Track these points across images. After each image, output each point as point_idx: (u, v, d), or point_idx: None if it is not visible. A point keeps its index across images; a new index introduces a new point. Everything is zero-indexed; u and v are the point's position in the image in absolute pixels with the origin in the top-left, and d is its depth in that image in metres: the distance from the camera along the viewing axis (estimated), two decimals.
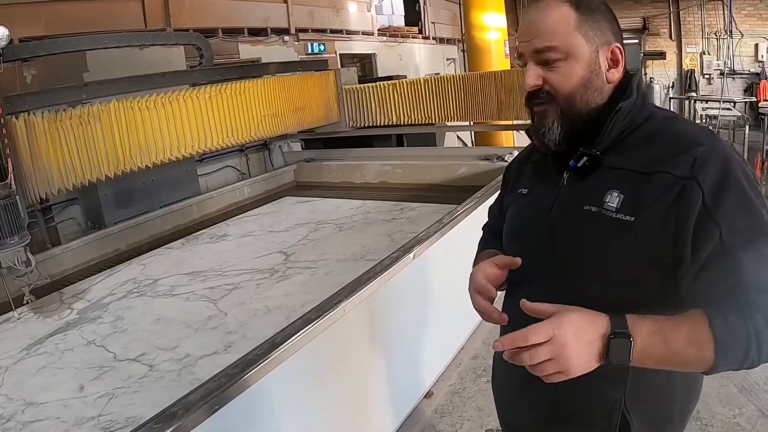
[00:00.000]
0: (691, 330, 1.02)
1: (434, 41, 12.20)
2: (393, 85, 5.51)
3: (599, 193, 1.16)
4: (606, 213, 1.14)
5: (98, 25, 4.86)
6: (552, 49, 1.17)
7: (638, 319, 1.03)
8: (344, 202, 4.86)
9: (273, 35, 7.31)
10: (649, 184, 1.10)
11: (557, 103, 1.20)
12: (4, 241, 2.75)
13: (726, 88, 14.04)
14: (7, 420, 2.13)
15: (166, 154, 3.81)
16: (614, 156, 1.18)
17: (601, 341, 1.02)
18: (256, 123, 4.52)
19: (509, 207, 1.46)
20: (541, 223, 1.28)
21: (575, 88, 1.19)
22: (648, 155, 1.14)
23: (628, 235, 1.11)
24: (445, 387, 3.35)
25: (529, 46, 1.20)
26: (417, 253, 2.99)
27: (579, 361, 1.01)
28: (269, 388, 2.05)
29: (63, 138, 3.24)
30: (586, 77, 1.19)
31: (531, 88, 1.22)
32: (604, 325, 1.03)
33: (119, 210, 4.31)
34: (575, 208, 1.20)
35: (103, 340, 2.71)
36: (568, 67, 1.18)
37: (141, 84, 3.80)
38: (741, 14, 13.88)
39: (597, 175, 1.19)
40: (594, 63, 1.19)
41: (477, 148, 8.03)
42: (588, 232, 1.17)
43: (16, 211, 2.78)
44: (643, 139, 1.17)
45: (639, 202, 1.11)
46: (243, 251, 3.83)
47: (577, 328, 1.02)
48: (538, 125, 1.24)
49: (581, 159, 1.21)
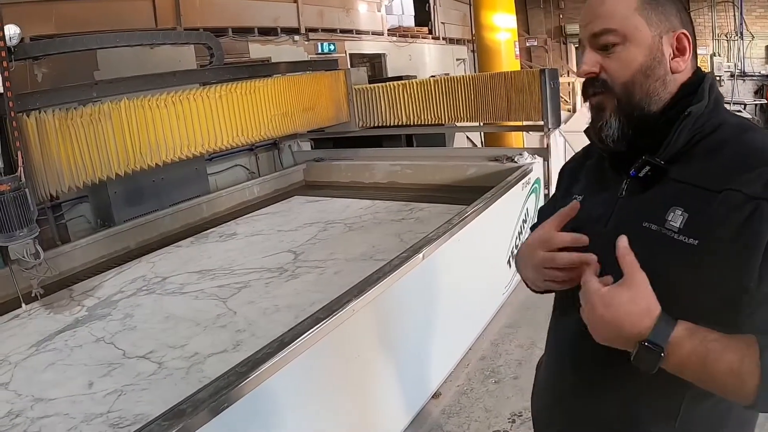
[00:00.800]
0: (737, 359, 0.91)
1: (444, 41, 12.22)
2: (403, 86, 5.51)
3: (661, 209, 1.05)
4: (667, 233, 1.03)
5: (109, 24, 4.89)
6: (609, 32, 1.08)
7: (686, 335, 0.94)
8: (353, 202, 4.86)
9: (283, 35, 7.34)
10: (716, 204, 0.99)
11: (614, 93, 1.10)
12: (14, 233, 2.78)
13: (736, 90, 13.99)
14: (17, 416, 2.13)
15: (176, 152, 3.82)
16: (679, 167, 1.07)
17: (633, 341, 0.95)
18: (265, 122, 4.52)
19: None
20: (596, 237, 1.14)
21: (634, 75, 1.09)
22: (716, 170, 1.02)
23: (690, 260, 1.00)
24: (453, 387, 3.34)
25: (587, 31, 1.12)
26: (426, 254, 2.98)
27: (602, 333, 0.99)
28: (278, 387, 2.05)
29: (74, 136, 3.25)
30: (646, 64, 1.08)
31: (585, 75, 1.12)
32: (645, 327, 0.95)
33: (129, 208, 4.32)
34: (633, 223, 1.08)
35: (112, 338, 2.72)
36: (626, 52, 1.08)
37: (151, 83, 3.82)
38: (752, 16, 13.82)
39: (659, 187, 1.08)
40: (656, 49, 1.08)
41: (486, 148, 8.02)
42: (646, 252, 1.03)
43: (26, 203, 2.81)
44: (712, 150, 1.05)
45: (704, 224, 1.00)
46: (252, 250, 3.83)
47: (614, 313, 0.96)
48: (596, 118, 1.15)
49: (643, 168, 1.09)
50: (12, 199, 2.75)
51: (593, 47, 1.11)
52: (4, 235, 2.77)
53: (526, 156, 4.87)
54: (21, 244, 2.83)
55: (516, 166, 4.77)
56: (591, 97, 1.14)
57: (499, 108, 5.09)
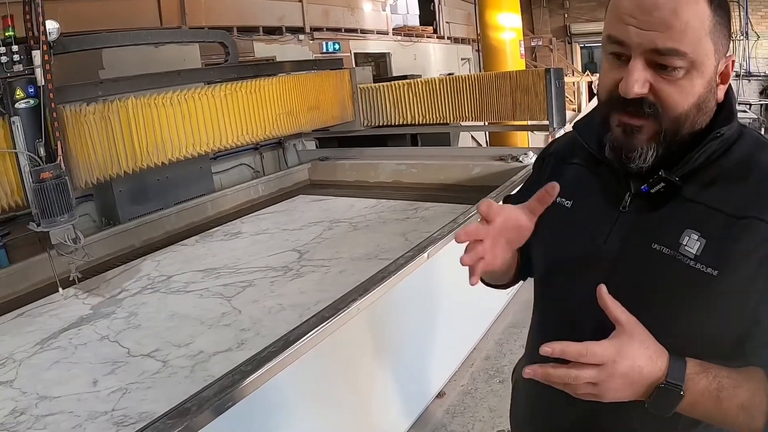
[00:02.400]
0: (748, 395, 0.88)
1: (449, 41, 12.21)
2: (408, 85, 5.51)
3: (674, 231, 0.95)
4: (682, 259, 0.94)
5: (114, 23, 4.88)
6: (679, 54, 0.88)
7: (699, 371, 0.89)
8: (358, 201, 4.85)
9: (288, 34, 7.33)
10: (737, 231, 0.90)
11: (662, 123, 0.93)
12: (55, 218, 2.94)
13: (741, 90, 13.94)
14: (21, 413, 2.14)
15: (181, 151, 3.83)
16: (695, 186, 0.96)
17: (650, 386, 0.89)
18: (270, 121, 4.53)
19: (545, 218, 1.07)
20: (592, 254, 1.05)
21: (690, 109, 0.93)
22: (737, 193, 0.93)
23: (708, 291, 0.92)
24: (457, 387, 3.33)
25: (646, 39, 0.89)
26: (431, 253, 2.97)
27: (619, 394, 0.89)
28: (282, 386, 2.05)
29: (87, 133, 3.30)
30: (703, 96, 0.93)
31: (635, 96, 0.91)
32: (660, 369, 0.89)
33: (134, 206, 4.32)
34: (641, 244, 0.98)
35: (116, 336, 2.72)
36: (689, 81, 0.91)
37: (156, 82, 3.83)
38: (757, 15, 13.78)
39: (672, 206, 0.97)
40: (713, 80, 0.94)
41: (491, 148, 8.01)
42: (656, 277, 0.96)
43: (66, 190, 2.97)
44: (732, 170, 0.95)
45: (724, 254, 0.91)
46: (257, 249, 3.83)
47: (633, 363, 0.88)
48: (627, 146, 0.97)
49: (657, 184, 0.97)
50: (54, 186, 2.92)
51: (648, 61, 0.91)
52: (46, 221, 2.93)
53: (531, 155, 4.87)
54: (62, 230, 3.00)
55: (521, 165, 4.77)
56: (627, 117, 0.95)
57: (504, 107, 5.09)
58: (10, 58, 2.82)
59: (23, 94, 2.88)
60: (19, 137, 2.90)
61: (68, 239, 3.04)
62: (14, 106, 2.87)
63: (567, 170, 1.16)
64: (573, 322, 1.05)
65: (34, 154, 2.91)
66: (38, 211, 2.93)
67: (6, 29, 2.81)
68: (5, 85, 2.86)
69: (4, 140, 2.92)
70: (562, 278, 1.13)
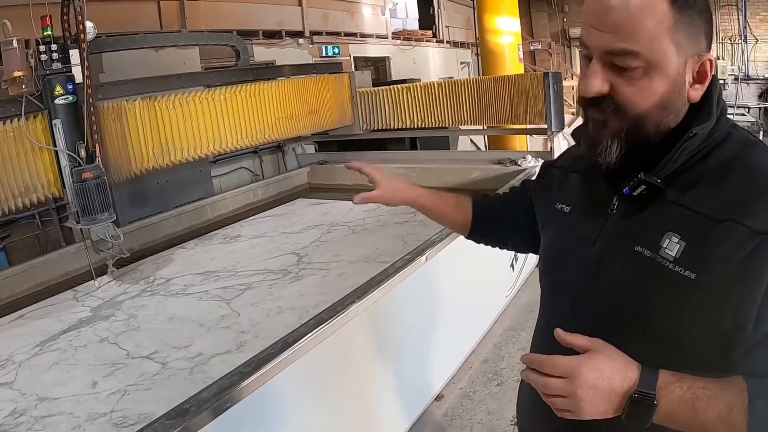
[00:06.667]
0: (726, 406, 0.86)
1: (448, 45, 12.23)
2: (407, 89, 5.51)
3: (656, 233, 0.97)
4: (662, 262, 0.95)
5: (115, 26, 4.90)
6: (632, 54, 0.91)
7: (672, 380, 0.88)
8: (357, 205, 4.84)
9: (287, 38, 7.36)
10: (717, 235, 0.91)
11: (622, 121, 0.97)
12: (96, 216, 3.11)
13: (740, 93, 13.96)
14: (20, 414, 2.14)
15: (182, 154, 3.85)
16: (677, 188, 0.97)
17: (623, 397, 0.89)
18: (270, 125, 4.54)
19: (547, 224, 1.26)
20: (582, 256, 1.08)
21: (651, 108, 0.95)
22: (718, 195, 0.93)
23: (686, 295, 0.93)
24: (455, 390, 3.34)
25: (601, 40, 0.93)
26: (429, 256, 2.99)
27: (593, 409, 0.90)
28: (281, 388, 2.06)
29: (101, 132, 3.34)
30: (666, 96, 0.95)
31: (593, 95, 0.96)
32: (631, 379, 0.89)
33: (133, 210, 4.32)
34: (624, 246, 1.01)
35: (116, 338, 2.73)
36: (648, 81, 0.93)
37: (156, 85, 3.84)
38: (755, 19, 13.82)
39: (655, 209, 0.99)
40: (680, 78, 0.95)
41: (490, 152, 7.98)
42: (636, 279, 0.98)
43: (106, 190, 3.14)
44: (714, 171, 0.95)
45: (703, 257, 0.91)
46: (256, 252, 3.84)
47: (600, 374, 0.89)
48: (594, 140, 1.01)
49: (638, 187, 0.99)
50: (95, 186, 3.09)
51: (604, 63, 0.95)
52: (87, 218, 3.10)
53: (529, 159, 4.88)
54: (102, 227, 3.18)
55: (520, 168, 4.78)
56: (591, 112, 1.01)
57: (502, 111, 5.09)
58: (49, 56, 2.92)
59: (62, 91, 3.01)
60: (60, 136, 3.04)
61: (108, 236, 3.21)
62: (54, 102, 3.00)
63: (570, 179, 1.23)
64: (564, 322, 1.05)
65: (74, 154, 3.06)
66: (78, 209, 3.09)
67: (45, 29, 2.92)
68: (45, 82, 2.97)
69: (42, 135, 3.03)
70: (556, 278, 1.21)
